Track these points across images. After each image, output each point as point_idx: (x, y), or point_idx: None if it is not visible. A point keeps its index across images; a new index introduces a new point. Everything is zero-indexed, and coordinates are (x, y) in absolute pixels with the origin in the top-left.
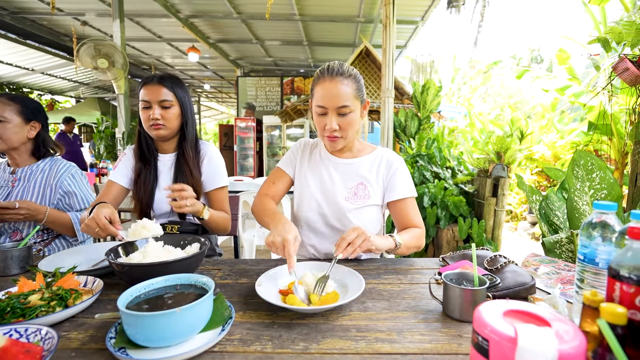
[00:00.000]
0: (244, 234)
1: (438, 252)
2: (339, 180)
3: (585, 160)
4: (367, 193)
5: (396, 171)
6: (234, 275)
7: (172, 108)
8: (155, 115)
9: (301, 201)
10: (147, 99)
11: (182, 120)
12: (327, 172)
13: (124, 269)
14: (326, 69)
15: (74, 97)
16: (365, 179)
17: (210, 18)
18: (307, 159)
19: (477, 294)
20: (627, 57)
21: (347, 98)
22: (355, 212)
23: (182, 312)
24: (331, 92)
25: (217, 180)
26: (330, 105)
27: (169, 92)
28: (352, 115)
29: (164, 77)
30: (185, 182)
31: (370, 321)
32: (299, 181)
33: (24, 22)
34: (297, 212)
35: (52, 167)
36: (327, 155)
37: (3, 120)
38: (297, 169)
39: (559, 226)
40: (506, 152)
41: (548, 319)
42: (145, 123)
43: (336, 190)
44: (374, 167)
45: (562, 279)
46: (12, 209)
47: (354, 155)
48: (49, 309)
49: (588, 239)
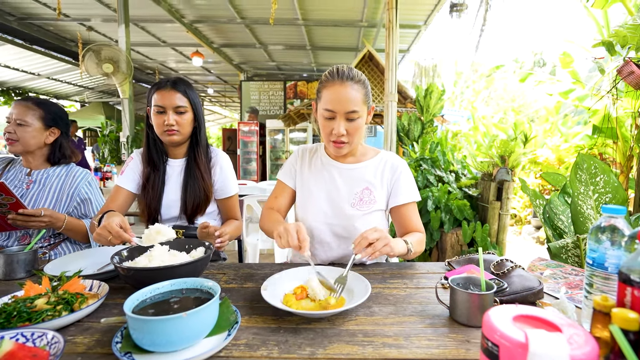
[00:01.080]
0: (247, 238)
1: (442, 256)
2: (343, 186)
3: (588, 164)
4: (372, 198)
5: (401, 175)
6: (239, 280)
7: (187, 114)
8: (170, 121)
9: (306, 211)
10: (162, 104)
11: (195, 125)
12: (331, 177)
13: (130, 273)
14: (336, 72)
15: (79, 101)
16: (370, 184)
17: (214, 23)
18: (308, 166)
19: (484, 299)
20: (632, 61)
21: (356, 103)
22: (362, 219)
23: (189, 316)
24: (341, 97)
25: (228, 189)
26: (340, 109)
27: (183, 97)
28: (360, 121)
29: (177, 81)
30: (195, 187)
31: (377, 326)
32: (301, 191)
33: (30, 28)
34: (302, 222)
35: (69, 173)
36: (329, 161)
37: (23, 124)
38: (297, 179)
39: (564, 230)
40: (510, 155)
41: (559, 324)
42: (158, 128)
43: (341, 197)
44: (379, 171)
45: (570, 284)
46: (38, 216)
47: (358, 159)
48: (55, 313)
49: (596, 243)
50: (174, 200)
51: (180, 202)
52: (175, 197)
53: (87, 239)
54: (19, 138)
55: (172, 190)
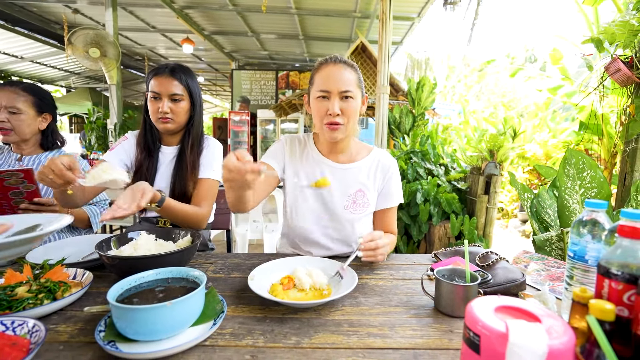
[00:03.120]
0: (236, 228)
1: (430, 248)
2: (337, 187)
3: (576, 159)
4: (366, 201)
5: (392, 177)
6: (226, 270)
7: (182, 102)
8: (164, 108)
9: (296, 211)
10: (157, 91)
11: (191, 114)
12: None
13: (115, 262)
14: (329, 58)
15: (65, 86)
16: (363, 185)
17: (205, 9)
18: (299, 158)
19: (468, 290)
20: (619, 58)
21: (350, 84)
22: (356, 222)
23: (173, 305)
24: (336, 76)
25: (204, 171)
26: (334, 88)
27: (180, 84)
28: (354, 102)
29: (176, 68)
30: (183, 176)
31: (362, 316)
32: (290, 185)
33: (12, 8)
34: (292, 222)
35: None
36: (322, 158)
37: (17, 112)
38: (286, 168)
39: (550, 224)
40: (499, 150)
41: (538, 315)
42: (153, 115)
43: (334, 199)
44: (372, 171)
45: (552, 276)
46: (50, 205)
47: (351, 159)
48: (37, 301)
49: (578, 236)
50: (163, 188)
51: (169, 190)
52: (164, 184)
53: (88, 225)
54: (14, 127)
55: (162, 178)
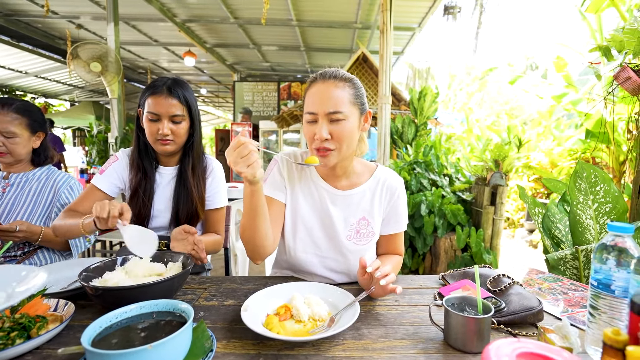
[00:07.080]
0: (237, 243)
1: (435, 261)
2: (338, 216)
3: (588, 173)
4: (370, 230)
5: (398, 200)
6: (220, 296)
7: (183, 123)
8: (164, 130)
9: (294, 239)
10: (157, 112)
11: (190, 132)
12: (323, 203)
13: (98, 292)
14: (319, 74)
15: (68, 100)
16: (367, 212)
17: (206, 22)
18: (298, 180)
19: (482, 323)
20: (629, 66)
21: (339, 103)
22: (359, 253)
23: (155, 348)
24: (322, 96)
25: (217, 201)
26: (320, 110)
27: (179, 104)
28: (346, 124)
29: (174, 85)
30: (187, 198)
31: (365, 352)
32: (290, 210)
33: (17, 25)
34: (290, 252)
35: (49, 177)
36: (321, 182)
37: (12, 136)
38: (288, 192)
39: (561, 239)
40: (504, 160)
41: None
42: (151, 137)
43: (336, 228)
44: (376, 195)
45: (569, 301)
46: (12, 231)
47: (353, 184)
48: (8, 341)
49: (601, 263)
50: (161, 210)
51: (171, 212)
52: (163, 206)
53: (67, 247)
54: (10, 150)
55: (160, 200)
